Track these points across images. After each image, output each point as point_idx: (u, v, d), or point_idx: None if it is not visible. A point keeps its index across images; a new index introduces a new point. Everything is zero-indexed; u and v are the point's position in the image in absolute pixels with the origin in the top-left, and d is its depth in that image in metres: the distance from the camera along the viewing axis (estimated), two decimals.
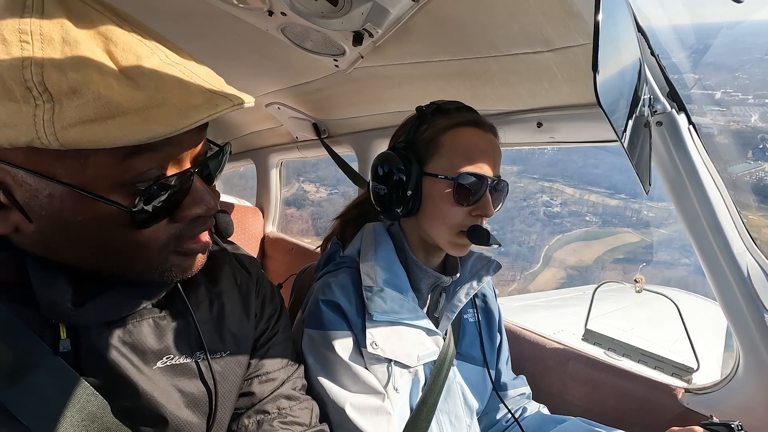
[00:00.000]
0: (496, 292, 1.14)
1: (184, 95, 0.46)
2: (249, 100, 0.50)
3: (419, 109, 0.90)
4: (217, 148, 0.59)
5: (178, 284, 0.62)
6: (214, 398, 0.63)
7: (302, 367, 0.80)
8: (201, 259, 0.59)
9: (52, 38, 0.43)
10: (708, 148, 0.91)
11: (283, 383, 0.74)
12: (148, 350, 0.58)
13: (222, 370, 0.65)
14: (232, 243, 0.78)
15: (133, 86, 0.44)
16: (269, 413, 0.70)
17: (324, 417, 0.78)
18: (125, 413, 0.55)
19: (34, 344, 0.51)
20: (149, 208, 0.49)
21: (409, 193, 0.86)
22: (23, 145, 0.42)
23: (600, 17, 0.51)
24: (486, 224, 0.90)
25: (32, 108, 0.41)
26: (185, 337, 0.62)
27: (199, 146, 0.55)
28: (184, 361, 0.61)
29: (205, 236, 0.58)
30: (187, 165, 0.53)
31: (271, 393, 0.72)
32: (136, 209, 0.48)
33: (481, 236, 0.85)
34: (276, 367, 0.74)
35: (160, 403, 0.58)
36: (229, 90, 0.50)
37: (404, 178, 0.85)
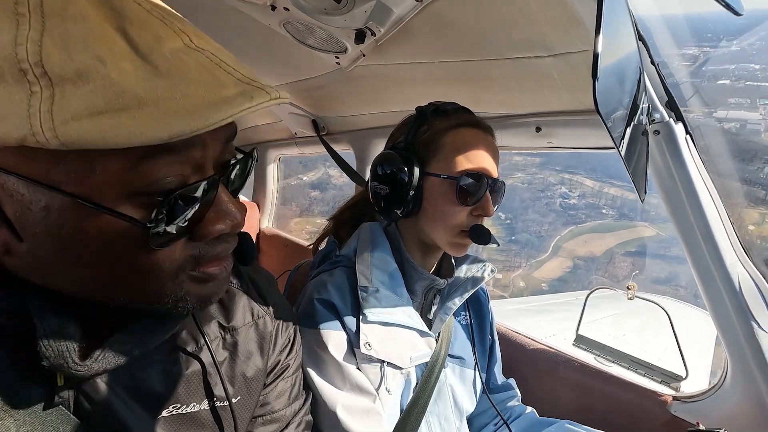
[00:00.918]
0: (488, 295, 1.15)
1: (214, 85, 0.38)
2: (285, 96, 0.43)
3: (419, 109, 0.90)
4: (243, 154, 0.50)
5: (195, 321, 0.56)
6: None
7: (309, 401, 0.75)
8: (221, 287, 0.50)
9: (53, 11, 0.34)
10: (704, 159, 0.92)
11: (288, 424, 0.68)
12: (153, 398, 0.52)
13: (232, 418, 0.59)
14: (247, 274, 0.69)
15: (152, 72, 0.36)
16: None
17: (314, 415, 0.78)
18: None
19: (28, 398, 0.44)
20: (169, 225, 0.41)
21: (411, 193, 0.85)
22: (14, 143, 0.34)
23: (601, 25, 0.52)
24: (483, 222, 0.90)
25: (26, 95, 0.33)
26: (195, 383, 0.55)
27: (227, 141, 0.47)
28: (192, 410, 0.55)
29: (227, 260, 0.49)
30: (211, 172, 0.44)
31: None
32: (152, 225, 0.39)
33: (483, 236, 0.86)
34: (282, 405, 0.68)
35: None
36: (264, 82, 0.42)
37: (405, 178, 0.85)
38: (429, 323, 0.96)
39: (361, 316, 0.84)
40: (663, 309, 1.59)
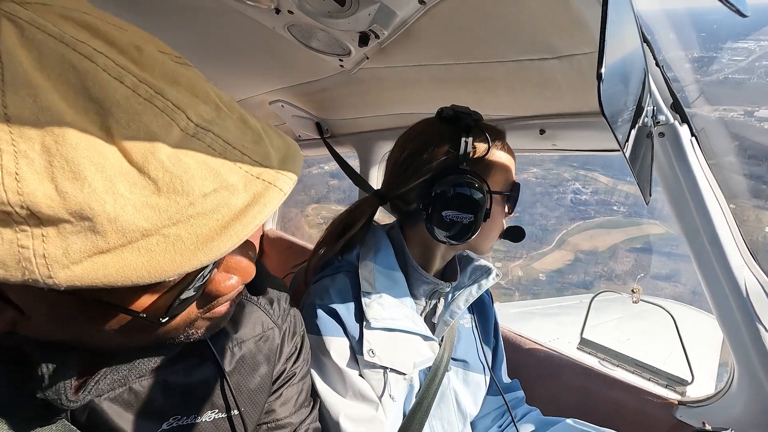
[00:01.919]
0: (492, 297, 1.14)
1: (223, 197, 0.33)
2: (294, 177, 0.39)
3: (464, 122, 0.87)
4: None
5: (213, 350, 0.55)
6: None
7: (317, 409, 0.75)
8: (228, 314, 0.49)
9: (23, 118, 0.28)
10: (709, 161, 0.91)
11: (295, 431, 0.68)
12: (152, 411, 0.51)
13: (231, 429, 0.58)
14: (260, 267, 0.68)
15: (152, 191, 0.31)
16: None
17: (321, 421, 0.77)
18: None
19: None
20: (183, 305, 0.40)
21: (488, 217, 0.86)
22: (18, 283, 0.29)
23: (606, 27, 0.51)
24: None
25: (15, 238, 0.28)
26: (197, 395, 0.55)
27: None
28: (193, 421, 0.54)
29: (236, 296, 0.49)
30: None
31: None
32: (166, 317, 0.39)
33: (520, 234, 0.95)
34: (288, 412, 0.67)
35: None
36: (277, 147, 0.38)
37: (487, 203, 0.83)
38: (432, 327, 0.95)
39: (364, 323, 0.83)
40: (668, 313, 1.58)
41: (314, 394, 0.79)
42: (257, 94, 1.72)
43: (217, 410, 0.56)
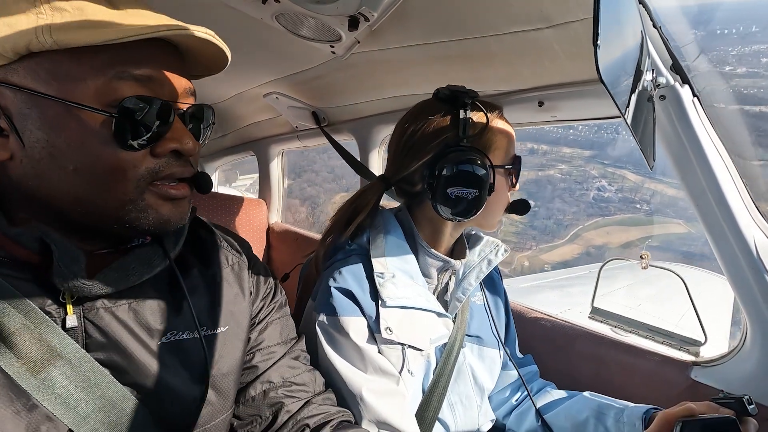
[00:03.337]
0: (501, 274, 1.15)
1: (147, 18, 0.54)
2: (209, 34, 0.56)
3: (461, 101, 0.89)
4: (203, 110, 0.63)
5: (175, 268, 0.64)
6: (213, 372, 0.65)
7: (302, 341, 0.82)
8: (179, 213, 0.60)
9: None
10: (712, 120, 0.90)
11: (284, 355, 0.76)
12: (153, 326, 0.60)
13: (223, 344, 0.67)
14: (223, 228, 0.80)
15: (117, 12, 0.53)
16: (273, 382, 0.73)
17: (340, 402, 0.80)
18: (133, 388, 0.57)
19: (45, 324, 0.53)
20: (133, 132, 0.53)
21: (492, 191, 0.87)
22: (23, 50, 0.49)
23: None
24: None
25: (35, 14, 0.49)
26: (187, 315, 0.64)
27: (187, 96, 0.60)
28: (188, 336, 0.63)
29: (184, 187, 0.60)
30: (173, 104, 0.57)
31: (274, 363, 0.74)
32: (117, 117, 0.52)
33: (525, 206, 0.95)
34: (274, 341, 0.76)
35: (166, 376, 0.60)
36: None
37: (490, 178, 0.86)
38: (445, 305, 0.97)
39: (379, 301, 0.85)
40: (678, 275, 1.58)
41: (332, 374, 0.81)
42: (250, 88, 1.70)
43: (205, 328, 0.66)
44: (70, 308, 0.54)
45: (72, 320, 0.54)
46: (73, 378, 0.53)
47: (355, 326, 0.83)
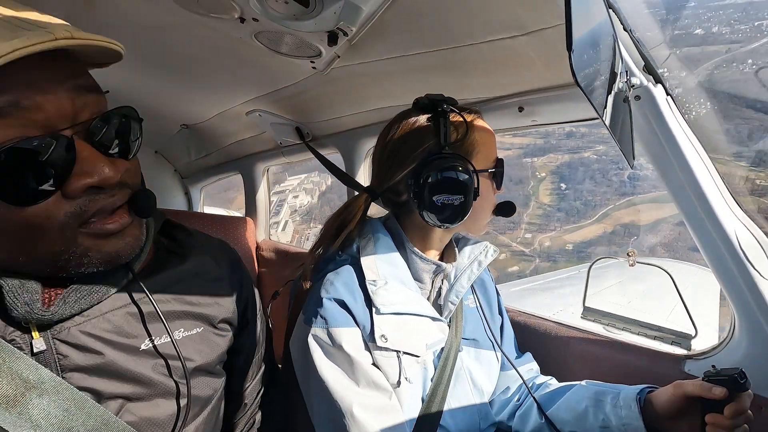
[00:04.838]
0: (491, 275, 1.15)
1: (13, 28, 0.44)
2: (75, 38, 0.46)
3: (440, 109, 0.90)
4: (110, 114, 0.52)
5: (141, 285, 0.61)
6: (190, 372, 0.65)
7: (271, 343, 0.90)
8: (127, 244, 0.56)
9: None
10: (687, 118, 0.92)
11: (258, 351, 0.83)
12: (130, 335, 0.59)
13: (200, 344, 0.67)
14: (202, 234, 0.79)
15: None
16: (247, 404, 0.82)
17: (330, 416, 0.78)
18: (118, 396, 0.56)
19: (12, 355, 0.49)
20: (14, 175, 0.44)
21: (477, 195, 0.88)
22: None
23: None
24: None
25: None
26: (160, 321, 0.62)
27: (83, 111, 0.49)
28: (165, 341, 0.62)
29: (121, 215, 0.54)
30: (65, 130, 0.48)
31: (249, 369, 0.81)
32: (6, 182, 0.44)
33: (511, 208, 0.96)
34: (251, 342, 0.81)
35: (149, 381, 0.59)
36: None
37: (474, 183, 0.86)
38: (439, 309, 0.97)
39: (373, 309, 0.84)
40: (665, 271, 1.61)
41: (322, 387, 0.80)
42: (232, 107, 1.70)
43: (179, 330, 0.64)
44: (35, 333, 0.51)
45: (39, 343, 0.51)
46: (53, 407, 0.50)
47: (349, 337, 0.82)
